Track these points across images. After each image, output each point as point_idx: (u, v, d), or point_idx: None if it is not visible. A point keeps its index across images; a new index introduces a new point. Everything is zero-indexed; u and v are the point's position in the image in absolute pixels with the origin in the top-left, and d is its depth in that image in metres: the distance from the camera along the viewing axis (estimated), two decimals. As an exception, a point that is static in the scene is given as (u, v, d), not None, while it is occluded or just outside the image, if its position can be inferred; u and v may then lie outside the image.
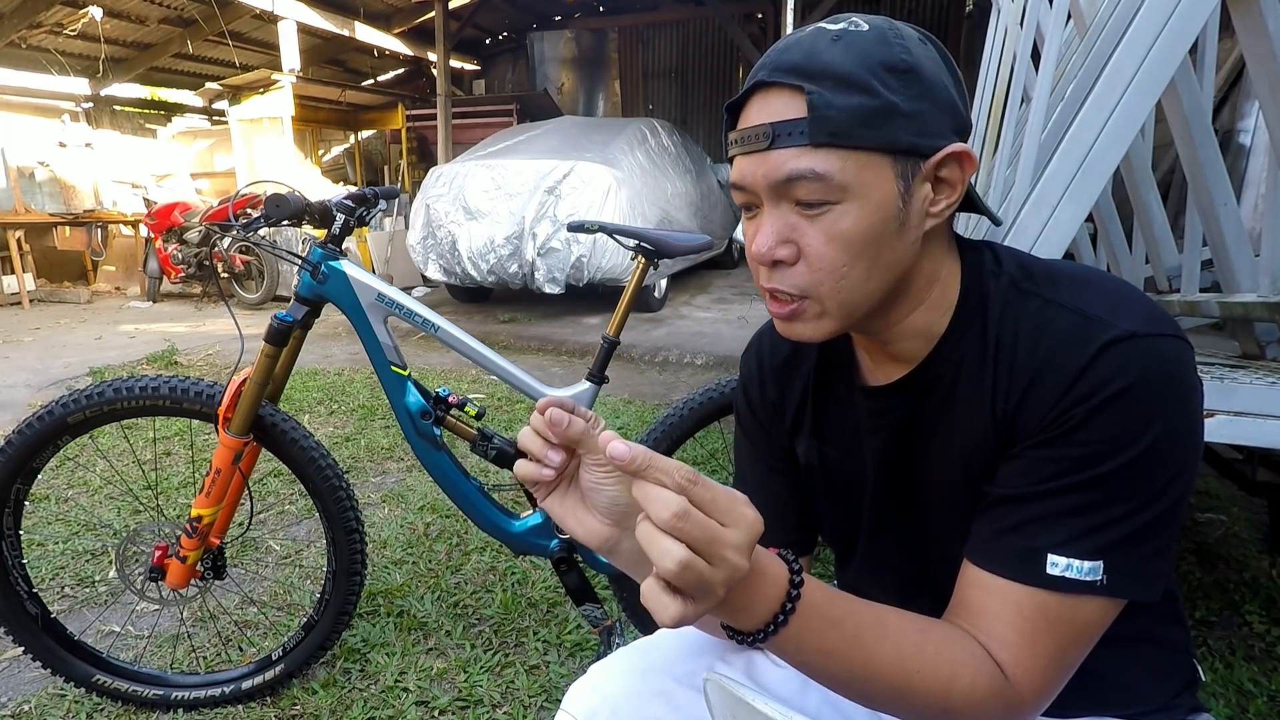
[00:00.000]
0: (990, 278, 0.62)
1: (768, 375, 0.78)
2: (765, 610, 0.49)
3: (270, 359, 1.33)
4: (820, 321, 0.60)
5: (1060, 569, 0.54)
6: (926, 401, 0.64)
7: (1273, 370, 1.43)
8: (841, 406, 0.72)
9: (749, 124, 0.58)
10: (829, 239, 0.56)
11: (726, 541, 0.44)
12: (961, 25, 9.19)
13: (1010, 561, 0.56)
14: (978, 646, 0.55)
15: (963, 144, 0.57)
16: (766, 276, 0.60)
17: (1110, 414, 0.53)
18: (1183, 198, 2.31)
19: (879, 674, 0.53)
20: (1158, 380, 0.53)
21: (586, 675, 0.71)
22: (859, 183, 0.55)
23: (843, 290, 0.58)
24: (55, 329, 5.60)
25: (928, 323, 0.63)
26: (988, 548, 0.58)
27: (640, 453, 0.45)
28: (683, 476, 0.44)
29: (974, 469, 0.62)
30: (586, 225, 1.59)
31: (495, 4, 9.70)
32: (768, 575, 0.49)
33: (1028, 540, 0.56)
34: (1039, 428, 0.56)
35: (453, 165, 5.54)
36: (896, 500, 0.70)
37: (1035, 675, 0.54)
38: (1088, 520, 0.54)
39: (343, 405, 3.49)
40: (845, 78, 0.54)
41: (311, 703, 1.48)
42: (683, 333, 5.00)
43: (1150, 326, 0.54)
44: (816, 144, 0.54)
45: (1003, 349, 0.59)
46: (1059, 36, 1.48)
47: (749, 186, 0.59)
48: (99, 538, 2.18)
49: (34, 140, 7.74)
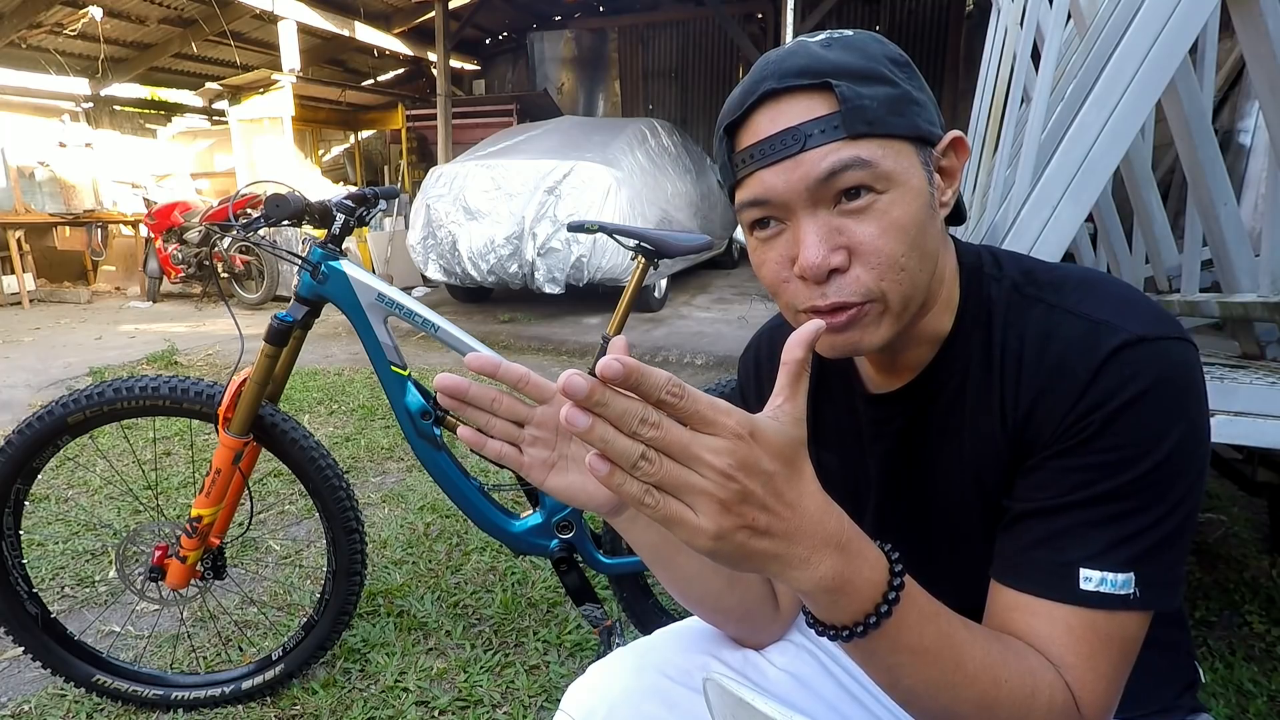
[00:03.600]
0: (991, 281, 0.62)
1: (765, 380, 0.77)
2: (863, 600, 0.45)
3: (270, 359, 1.33)
4: (881, 324, 0.56)
5: (1095, 583, 0.52)
6: (931, 409, 0.64)
7: (1273, 370, 1.43)
8: (841, 413, 0.72)
9: (765, 134, 0.54)
10: (884, 230, 0.54)
11: (702, 445, 0.39)
12: (961, 25, 9.19)
13: (1044, 579, 0.54)
14: (1046, 660, 0.52)
15: (958, 131, 0.58)
16: (819, 292, 0.55)
17: (1128, 419, 0.52)
18: (1183, 198, 2.31)
19: (968, 679, 0.48)
20: (1171, 384, 0.53)
21: (585, 675, 0.71)
22: (898, 169, 0.54)
23: (904, 283, 0.55)
24: (55, 329, 5.60)
25: (935, 326, 0.62)
26: (1018, 566, 0.55)
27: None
28: (666, 392, 0.38)
29: (985, 479, 0.61)
30: (586, 225, 1.59)
31: (495, 4, 9.70)
32: (866, 559, 0.45)
33: (1059, 555, 0.53)
34: (1055, 437, 0.55)
35: (453, 165, 5.55)
36: (900, 509, 0.69)
37: (1099, 696, 0.52)
38: (1117, 531, 0.52)
39: (343, 405, 3.49)
40: (862, 71, 0.53)
41: (311, 703, 1.48)
42: (683, 333, 5.00)
43: (1158, 329, 0.54)
44: (854, 135, 0.52)
45: (1009, 356, 0.58)
46: (1059, 36, 1.48)
47: (777, 198, 0.55)
48: (99, 538, 2.18)
49: (34, 140, 7.75)
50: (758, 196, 0.56)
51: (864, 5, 9.46)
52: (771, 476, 0.41)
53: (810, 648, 0.77)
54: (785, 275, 0.57)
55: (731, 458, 0.39)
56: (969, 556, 0.62)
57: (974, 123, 2.66)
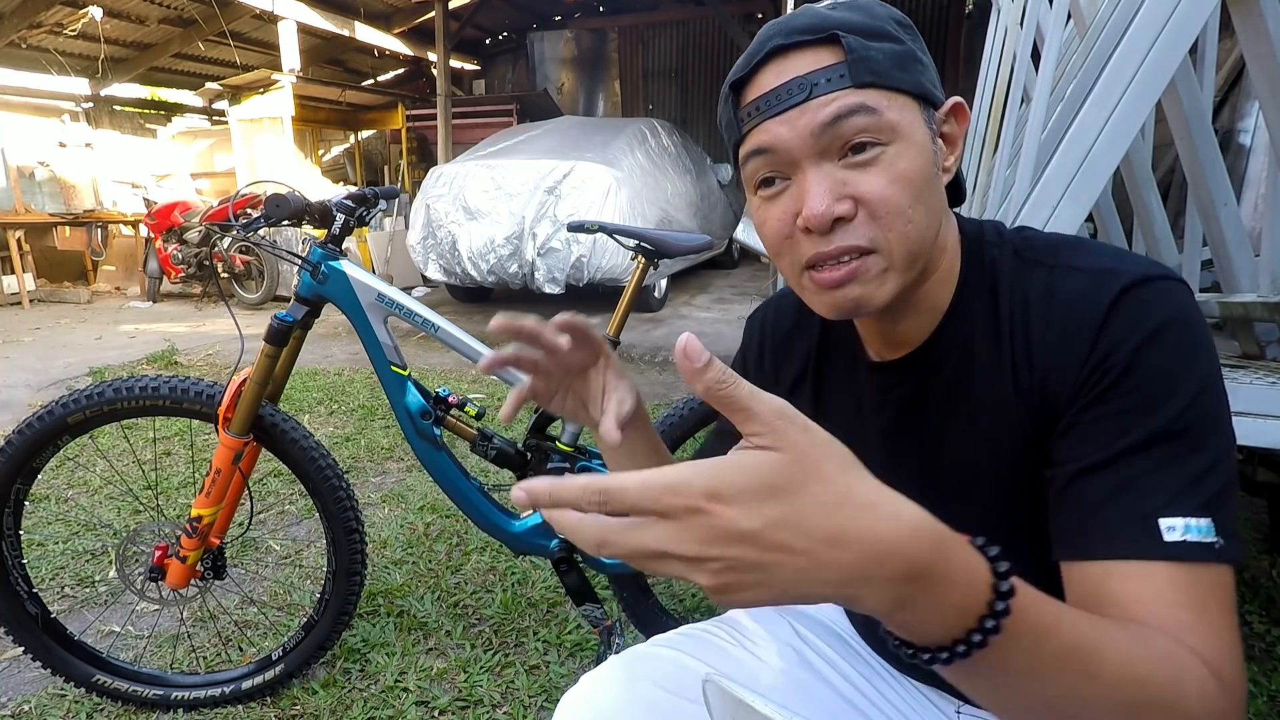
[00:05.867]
0: (992, 248, 0.61)
1: (768, 347, 0.77)
2: (948, 624, 0.37)
3: (270, 359, 1.33)
4: (883, 279, 0.55)
5: (1180, 533, 0.47)
6: (936, 379, 0.63)
7: (1273, 370, 1.43)
8: (843, 381, 0.71)
9: (772, 86, 0.54)
10: (890, 180, 0.53)
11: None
12: (961, 25, 9.19)
13: (1127, 536, 0.48)
14: (1171, 636, 0.45)
15: (959, 97, 0.58)
16: (824, 241, 0.54)
17: (1150, 355, 0.51)
18: (1183, 198, 2.31)
19: (1105, 690, 0.40)
20: (1184, 319, 0.52)
21: (577, 686, 0.71)
22: (904, 122, 0.54)
23: (910, 236, 0.54)
24: (55, 329, 5.60)
25: (937, 295, 0.62)
26: (1090, 531, 0.50)
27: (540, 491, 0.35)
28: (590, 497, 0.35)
29: (1004, 449, 0.59)
30: (586, 225, 1.59)
31: (495, 4, 9.70)
32: (956, 562, 0.37)
33: (1134, 506, 0.48)
34: (1078, 389, 0.53)
35: (453, 165, 5.55)
36: (906, 481, 0.68)
37: (1232, 659, 0.45)
38: (1181, 472, 0.48)
39: (343, 405, 3.49)
40: (867, 28, 0.54)
41: (311, 703, 1.48)
42: (682, 332, 4.99)
43: (1159, 270, 0.54)
44: (860, 84, 0.52)
45: (1016, 321, 0.58)
46: (1059, 36, 1.48)
47: (783, 147, 0.54)
48: (99, 538, 2.18)
49: (34, 140, 7.75)
50: (763, 145, 0.55)
51: (864, 5, 9.47)
52: (757, 534, 0.34)
53: (808, 655, 0.76)
54: (788, 231, 0.56)
55: (694, 539, 0.34)
56: (975, 529, 0.61)
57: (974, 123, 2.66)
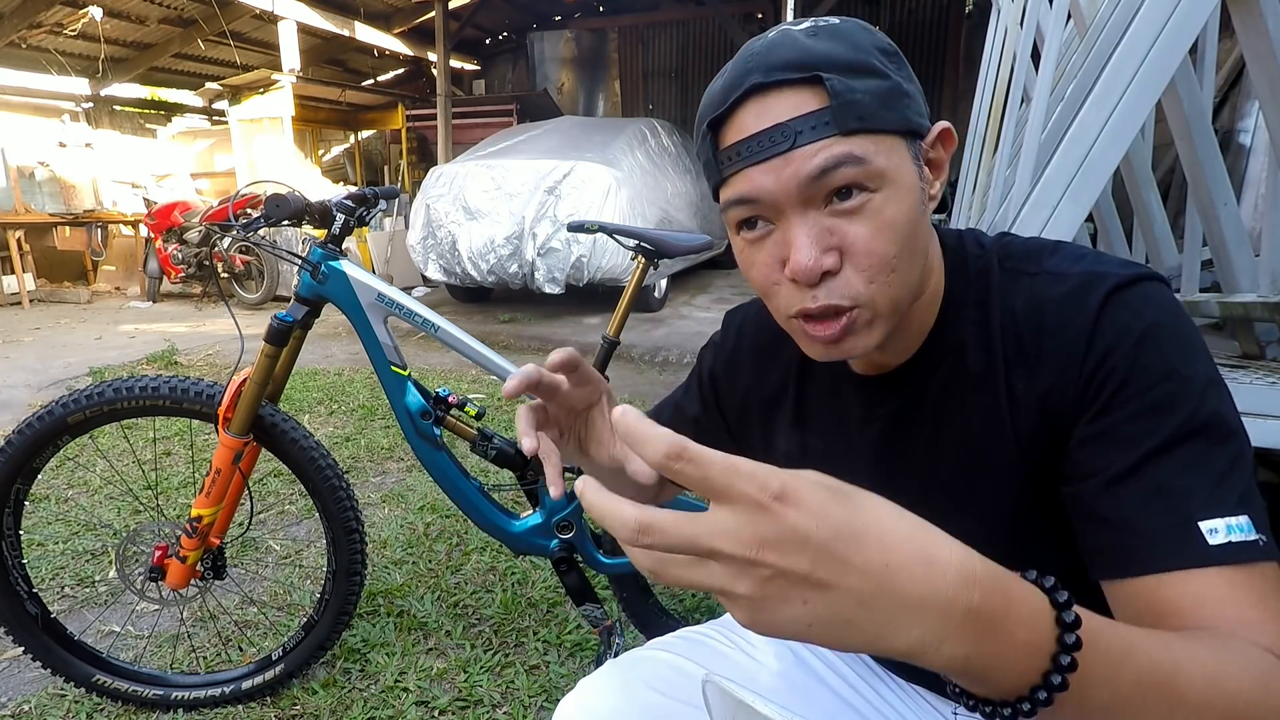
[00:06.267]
0: (975, 260, 0.61)
1: (744, 356, 0.75)
2: (1017, 676, 0.35)
3: (270, 359, 1.33)
4: (872, 329, 0.55)
5: (1222, 534, 0.46)
6: (924, 393, 0.62)
7: (1273, 370, 1.43)
8: (827, 395, 0.70)
9: (752, 131, 0.52)
10: (877, 231, 0.52)
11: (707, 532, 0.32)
12: (961, 25, 9.19)
13: (1171, 547, 0.47)
14: (1236, 638, 0.43)
15: (946, 122, 0.57)
16: (810, 295, 0.53)
17: (1148, 356, 0.51)
18: (1183, 198, 2.31)
19: (1196, 710, 0.39)
20: (1172, 318, 0.52)
21: (574, 690, 0.71)
22: (891, 166, 0.52)
23: (893, 285, 0.53)
24: (55, 329, 5.60)
25: (922, 315, 0.61)
26: (1131, 546, 0.48)
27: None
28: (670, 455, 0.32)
29: (999, 461, 0.58)
30: (586, 225, 1.59)
31: (495, 4, 9.70)
32: (1014, 610, 0.34)
33: (1173, 511, 0.47)
34: (1081, 398, 0.53)
35: (453, 165, 5.55)
36: (898, 498, 0.68)
37: None
38: (1210, 470, 0.48)
39: (343, 405, 3.49)
40: (851, 63, 0.51)
41: (311, 703, 1.48)
42: (683, 333, 5.00)
43: (1140, 271, 0.54)
44: (846, 131, 0.50)
45: (1006, 333, 0.58)
46: (1059, 36, 1.48)
47: (767, 197, 0.52)
48: (99, 538, 2.18)
49: (34, 140, 7.74)
50: (746, 195, 0.53)
51: (864, 5, 9.46)
52: (820, 545, 0.31)
53: (805, 657, 0.76)
54: (776, 278, 0.55)
55: (752, 536, 0.31)
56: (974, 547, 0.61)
57: (974, 123, 2.66)
